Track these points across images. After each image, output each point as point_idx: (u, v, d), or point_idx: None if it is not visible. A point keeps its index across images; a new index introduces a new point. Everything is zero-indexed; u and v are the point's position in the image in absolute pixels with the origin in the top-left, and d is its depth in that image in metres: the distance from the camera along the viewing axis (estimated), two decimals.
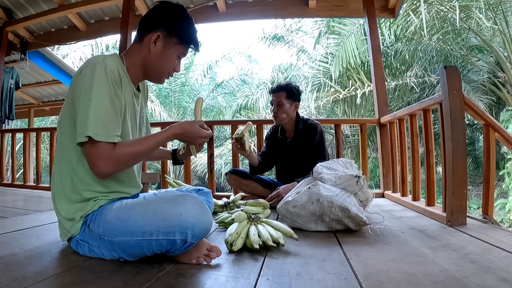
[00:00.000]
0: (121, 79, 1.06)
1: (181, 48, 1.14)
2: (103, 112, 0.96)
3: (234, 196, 2.11)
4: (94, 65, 0.99)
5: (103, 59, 1.01)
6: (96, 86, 0.96)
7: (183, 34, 1.12)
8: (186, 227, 0.92)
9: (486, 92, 7.51)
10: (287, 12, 3.77)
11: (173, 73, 1.18)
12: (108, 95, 0.98)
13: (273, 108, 2.25)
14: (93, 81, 0.97)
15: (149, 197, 1.05)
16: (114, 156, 0.97)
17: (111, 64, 1.02)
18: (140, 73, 1.16)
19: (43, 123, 11.00)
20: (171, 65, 1.15)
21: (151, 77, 1.18)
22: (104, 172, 0.98)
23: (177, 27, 1.11)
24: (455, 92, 1.56)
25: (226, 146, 8.91)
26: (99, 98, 0.96)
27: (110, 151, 0.97)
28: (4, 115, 4.58)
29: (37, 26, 4.33)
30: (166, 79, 1.19)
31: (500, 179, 7.29)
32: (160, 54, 1.11)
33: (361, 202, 1.60)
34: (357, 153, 8.37)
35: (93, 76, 0.97)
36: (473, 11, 6.49)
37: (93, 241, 1.02)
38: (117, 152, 0.98)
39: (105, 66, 0.99)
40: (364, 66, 8.08)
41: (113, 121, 0.99)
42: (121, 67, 1.08)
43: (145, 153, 1.05)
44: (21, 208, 2.23)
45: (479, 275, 0.89)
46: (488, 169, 1.80)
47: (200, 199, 0.99)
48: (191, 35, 1.14)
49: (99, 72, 0.98)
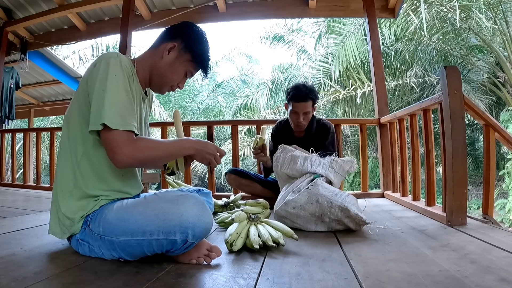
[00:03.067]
0: (133, 77, 1.09)
1: (191, 66, 1.15)
2: (119, 102, 0.97)
3: (234, 196, 2.11)
4: (109, 59, 1.01)
5: (117, 54, 1.04)
6: (111, 78, 0.98)
7: (197, 54, 1.14)
8: (187, 227, 0.92)
9: (486, 92, 7.50)
10: (287, 12, 3.77)
11: (176, 88, 1.19)
12: (124, 87, 1.00)
13: (298, 117, 2.06)
14: (108, 73, 0.98)
15: (149, 197, 1.05)
16: (135, 145, 0.98)
17: (124, 59, 1.04)
18: (148, 80, 1.18)
19: (43, 123, 10.99)
20: (177, 78, 1.16)
21: (154, 84, 1.18)
22: (124, 159, 0.97)
23: (194, 45, 1.14)
24: (455, 92, 1.56)
25: (226, 146, 8.90)
26: (114, 89, 0.97)
27: (131, 139, 0.98)
28: (4, 115, 4.57)
29: (37, 26, 4.33)
30: (168, 91, 1.21)
31: (500, 179, 7.29)
32: (171, 63, 1.13)
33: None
34: (357, 153, 8.37)
35: (108, 68, 0.99)
36: (473, 11, 6.48)
37: (93, 241, 1.02)
38: (138, 140, 1.00)
39: (120, 60, 1.02)
40: (364, 66, 8.07)
41: (129, 112, 1.00)
42: (133, 67, 1.11)
43: (164, 155, 1.06)
44: (21, 208, 2.23)
45: (479, 275, 0.89)
46: (488, 169, 1.80)
47: (201, 199, 0.99)
48: (204, 58, 1.16)
49: (114, 65, 1.00)
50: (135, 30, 3.68)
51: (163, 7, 3.85)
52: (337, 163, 1.71)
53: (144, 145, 1.01)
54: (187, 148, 1.09)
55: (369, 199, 2.47)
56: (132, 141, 0.98)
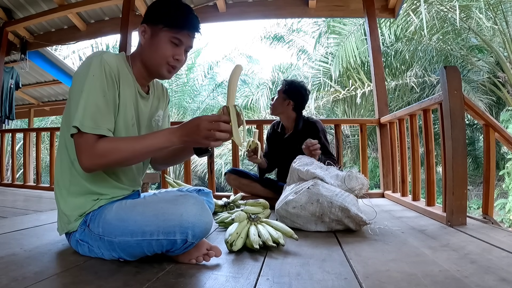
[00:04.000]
0: (120, 75, 1.04)
1: (169, 32, 1.05)
2: (93, 104, 0.95)
3: (234, 196, 2.11)
4: (91, 59, 0.99)
5: (100, 53, 1.01)
6: (90, 78, 0.96)
7: (166, 17, 1.05)
8: (187, 227, 0.92)
9: (486, 92, 7.51)
10: (287, 12, 3.77)
11: (174, 62, 1.08)
12: (101, 88, 0.97)
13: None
14: (88, 73, 0.96)
15: (149, 197, 1.05)
16: (93, 149, 0.93)
17: (108, 58, 1.01)
18: (145, 72, 1.13)
19: (43, 123, 10.99)
20: (164, 53, 1.06)
21: (152, 72, 1.12)
22: (84, 165, 0.94)
23: (159, 13, 1.07)
24: (455, 92, 1.56)
25: (226, 146, 8.90)
26: (90, 90, 0.95)
27: (91, 143, 0.93)
28: (4, 115, 4.57)
29: (37, 26, 4.33)
30: (169, 72, 1.10)
31: (500, 179, 7.29)
32: (150, 44, 1.07)
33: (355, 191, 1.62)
34: (357, 153, 8.38)
35: (88, 68, 0.97)
36: (473, 11, 6.49)
37: (93, 241, 1.02)
38: (98, 145, 0.94)
39: (101, 59, 0.99)
40: (364, 66, 8.07)
41: (104, 114, 0.97)
42: (124, 64, 1.08)
43: (131, 156, 0.97)
44: (21, 208, 2.23)
45: (479, 275, 0.89)
46: (488, 169, 1.80)
47: (200, 199, 0.99)
48: (174, 15, 1.05)
49: (94, 65, 0.98)
50: (135, 30, 3.67)
51: None
52: (350, 179, 1.62)
53: (103, 149, 0.94)
54: (167, 142, 0.97)
55: (369, 199, 2.47)
56: (91, 145, 0.93)
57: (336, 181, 1.62)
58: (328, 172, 1.68)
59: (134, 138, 1.06)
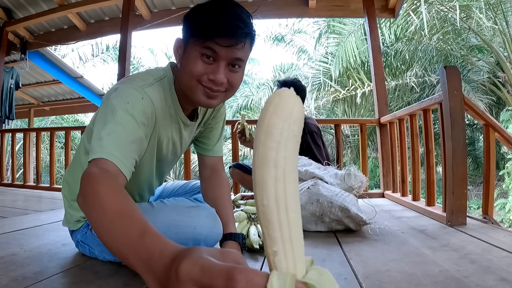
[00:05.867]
0: (157, 115, 0.86)
1: (197, 43, 0.79)
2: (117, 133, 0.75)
3: (234, 196, 2.10)
4: (135, 90, 0.82)
5: (142, 85, 0.83)
6: (124, 109, 0.78)
7: (194, 26, 0.81)
8: (199, 239, 0.91)
9: (486, 92, 7.51)
10: (287, 12, 3.77)
11: (209, 83, 0.82)
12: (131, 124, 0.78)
13: None
14: (124, 105, 0.78)
15: (158, 205, 0.98)
16: (86, 174, 0.65)
17: (154, 96, 0.84)
18: (187, 98, 0.91)
19: (43, 123, 10.98)
20: (192, 70, 0.81)
21: (189, 97, 0.88)
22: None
23: (188, 23, 0.84)
24: (455, 92, 1.56)
25: (226, 146, 8.90)
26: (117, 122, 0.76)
27: (91, 167, 0.68)
28: (4, 115, 4.57)
29: (37, 26, 4.33)
30: (208, 96, 0.84)
31: (500, 179, 7.28)
32: (182, 61, 0.85)
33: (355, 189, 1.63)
34: (357, 153, 8.37)
35: (127, 99, 0.80)
36: (473, 11, 6.49)
37: (95, 245, 1.00)
38: (91, 174, 0.65)
39: (144, 96, 0.82)
40: (364, 66, 8.07)
41: (124, 146, 0.75)
42: (169, 97, 0.91)
43: (107, 239, 0.53)
44: (21, 208, 2.23)
45: (479, 275, 0.89)
46: (488, 169, 1.80)
47: (212, 211, 0.98)
48: (202, 19, 0.79)
49: (132, 98, 0.80)
50: (135, 30, 3.68)
51: (163, 7, 3.85)
52: (349, 177, 1.64)
53: (87, 186, 0.61)
54: (136, 266, 0.46)
55: (369, 199, 2.47)
56: (89, 170, 0.67)
57: (335, 179, 1.62)
58: (327, 171, 1.69)
59: (129, 216, 0.55)
